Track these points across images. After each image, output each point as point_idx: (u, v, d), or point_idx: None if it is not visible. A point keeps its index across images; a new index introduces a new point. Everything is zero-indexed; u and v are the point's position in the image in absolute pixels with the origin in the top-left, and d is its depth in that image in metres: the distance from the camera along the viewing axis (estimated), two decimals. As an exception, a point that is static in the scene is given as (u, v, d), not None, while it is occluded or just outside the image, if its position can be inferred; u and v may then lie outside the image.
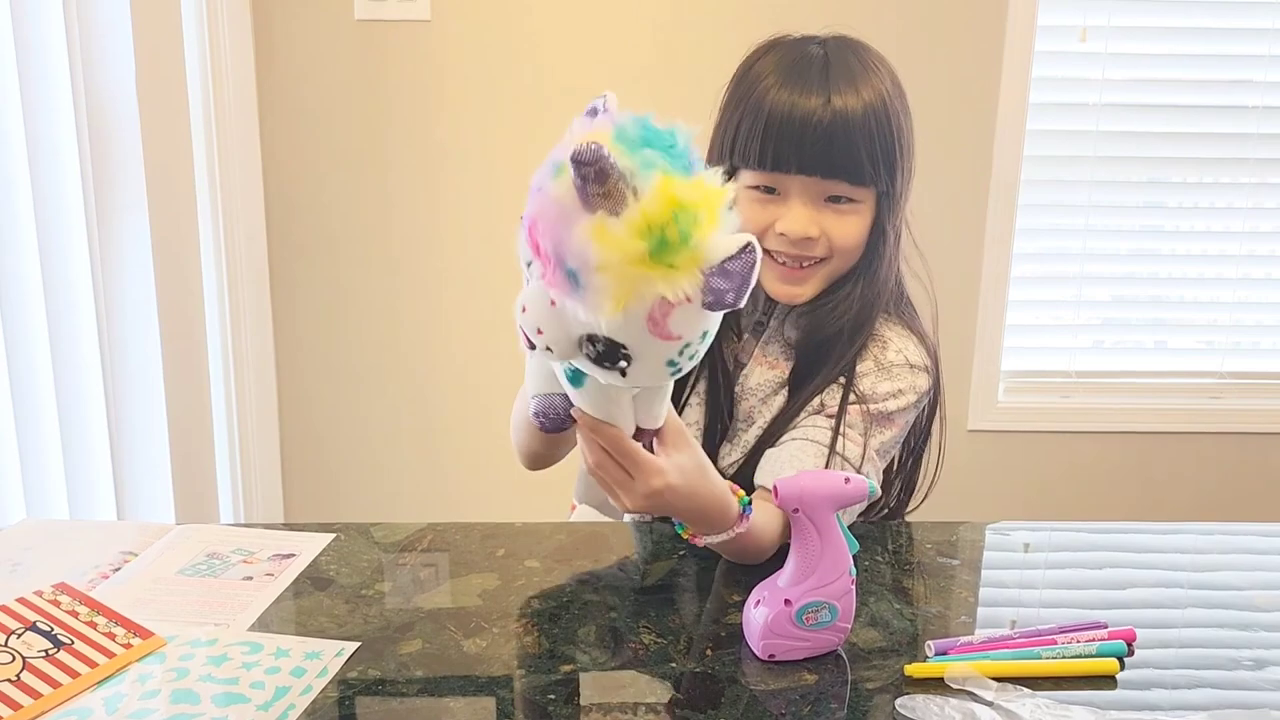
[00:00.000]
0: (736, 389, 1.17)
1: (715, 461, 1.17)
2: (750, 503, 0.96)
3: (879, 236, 1.10)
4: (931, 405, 1.18)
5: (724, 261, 0.68)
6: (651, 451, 0.89)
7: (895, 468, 1.20)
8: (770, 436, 1.12)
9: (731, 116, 1.09)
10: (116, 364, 1.59)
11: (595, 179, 0.66)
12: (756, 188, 1.09)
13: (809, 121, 1.03)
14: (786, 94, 1.05)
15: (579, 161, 0.66)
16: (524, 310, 0.75)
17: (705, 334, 0.75)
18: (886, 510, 1.22)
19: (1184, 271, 2.40)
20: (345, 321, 2.24)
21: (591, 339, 0.73)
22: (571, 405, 0.87)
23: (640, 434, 0.88)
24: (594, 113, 0.73)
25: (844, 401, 1.09)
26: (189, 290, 1.76)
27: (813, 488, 0.85)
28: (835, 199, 1.07)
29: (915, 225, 1.18)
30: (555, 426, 0.89)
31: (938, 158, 2.20)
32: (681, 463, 0.90)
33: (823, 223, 1.07)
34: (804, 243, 1.07)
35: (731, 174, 1.12)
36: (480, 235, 2.21)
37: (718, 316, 0.75)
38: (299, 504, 2.29)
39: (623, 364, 0.74)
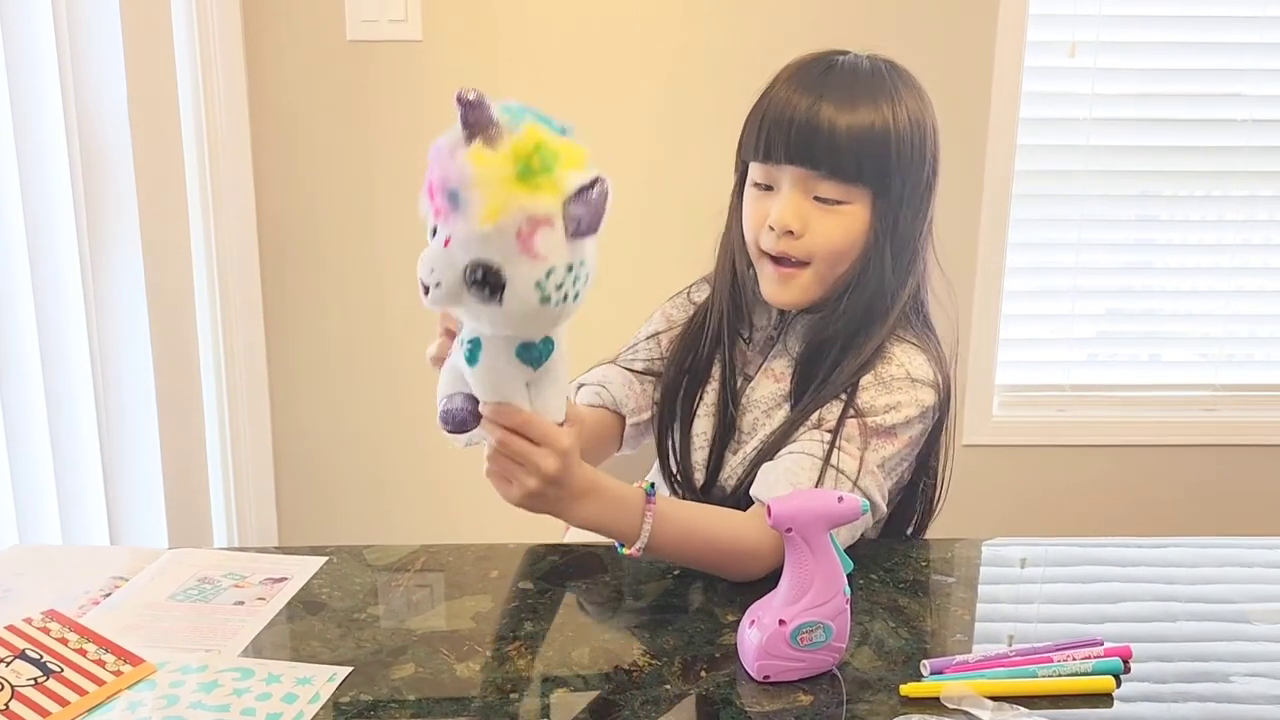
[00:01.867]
0: (744, 401, 1.18)
1: (720, 471, 1.19)
2: (654, 487, 0.99)
3: (872, 245, 1.10)
4: (938, 423, 1.17)
5: (580, 190, 0.78)
6: None
7: (914, 487, 1.19)
8: (769, 449, 1.12)
9: (748, 117, 1.13)
10: (109, 386, 1.58)
11: (475, 118, 0.77)
12: (758, 185, 1.12)
13: (796, 115, 1.07)
14: (786, 91, 1.09)
15: (463, 101, 0.76)
16: (421, 262, 0.81)
17: (571, 267, 0.81)
18: (911, 529, 1.22)
19: (1177, 285, 2.40)
20: (338, 343, 2.24)
21: (472, 269, 0.79)
22: (473, 402, 0.89)
23: None
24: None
25: (842, 416, 1.08)
26: (181, 311, 1.76)
27: (805, 507, 0.84)
28: (824, 199, 1.08)
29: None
30: (458, 426, 0.90)
31: (929, 173, 2.21)
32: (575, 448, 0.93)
33: (807, 218, 1.08)
34: (787, 236, 1.08)
35: (745, 172, 1.16)
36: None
37: (585, 253, 0.81)
38: (293, 526, 2.28)
39: (500, 290, 0.79)
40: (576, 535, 1.24)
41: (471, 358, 0.86)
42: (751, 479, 1.10)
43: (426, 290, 0.81)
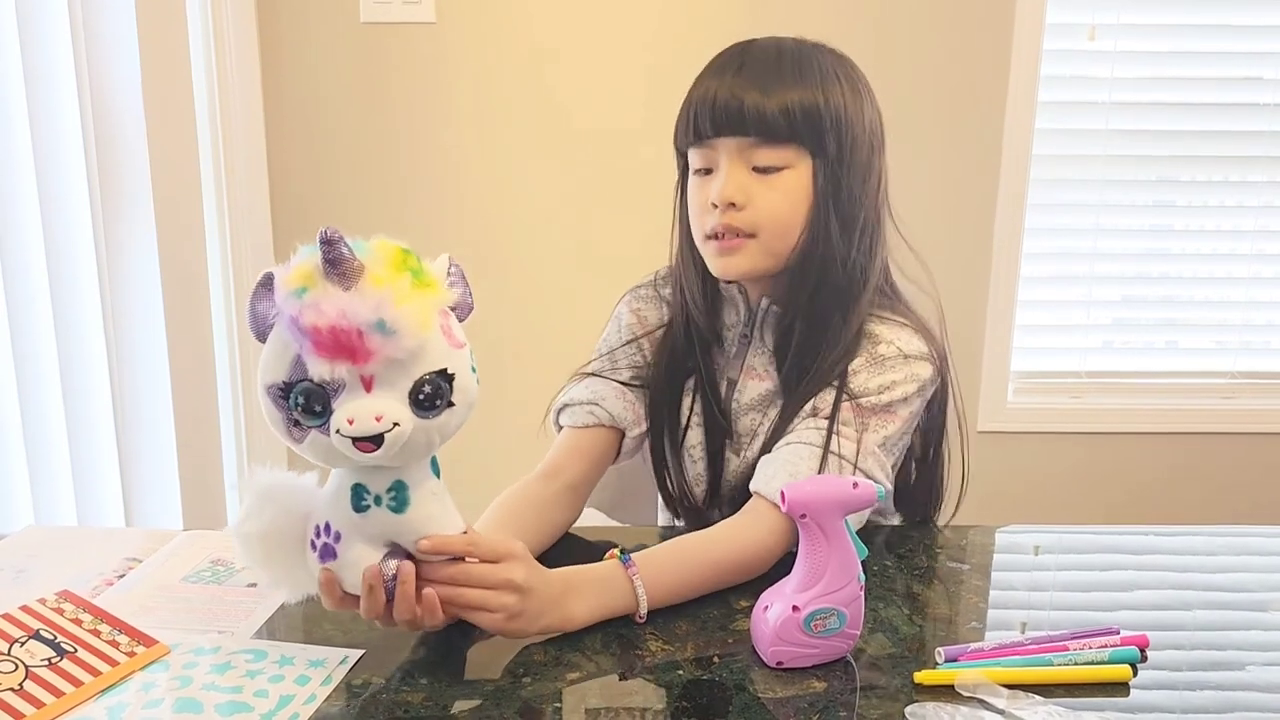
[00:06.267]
0: (734, 405, 1.17)
1: (723, 476, 1.18)
2: (625, 553, 0.97)
3: (817, 210, 1.08)
4: (941, 396, 1.16)
5: (449, 274, 0.82)
6: None
7: (914, 468, 1.19)
8: (768, 446, 1.11)
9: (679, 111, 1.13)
10: (123, 369, 1.58)
11: (338, 253, 0.75)
12: (698, 172, 1.11)
13: (720, 90, 1.06)
14: (707, 75, 1.09)
15: (327, 241, 0.75)
16: (351, 421, 0.75)
17: (467, 343, 0.83)
18: (930, 509, 1.22)
19: (1194, 271, 2.39)
20: (352, 325, 2.23)
21: (421, 384, 0.78)
22: (395, 559, 0.83)
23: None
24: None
25: (836, 401, 1.07)
26: (195, 295, 1.76)
27: (820, 494, 0.84)
28: (764, 170, 1.06)
29: (923, 223, 1.16)
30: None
31: (946, 157, 2.19)
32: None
33: (748, 189, 1.06)
34: (730, 209, 1.06)
35: (685, 165, 1.14)
36: (486, 236, 2.21)
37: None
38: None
39: (450, 393, 0.79)
40: (587, 519, 1.23)
41: (401, 503, 0.82)
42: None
43: (379, 442, 0.76)
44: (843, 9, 2.07)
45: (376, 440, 0.76)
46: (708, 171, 1.10)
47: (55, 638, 0.86)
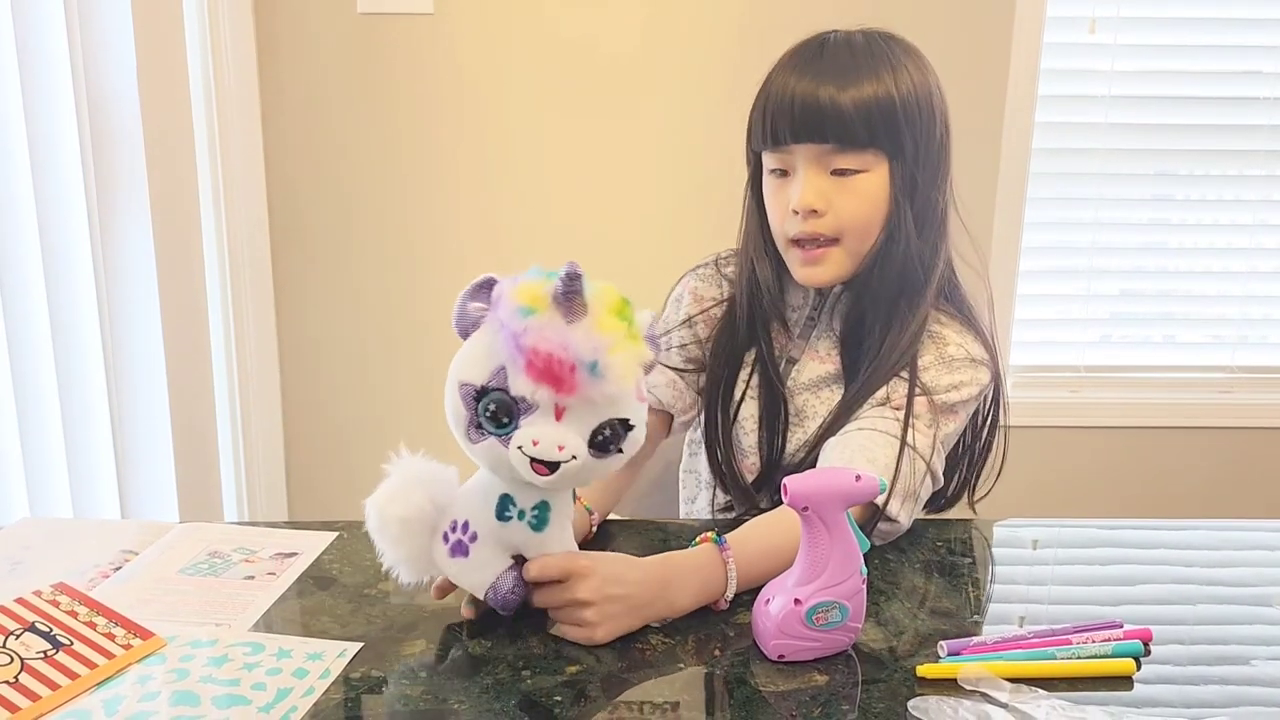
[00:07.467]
0: (790, 384, 1.18)
1: (783, 452, 1.18)
2: (721, 535, 0.96)
3: (894, 210, 1.09)
4: (995, 396, 1.19)
5: (649, 330, 0.84)
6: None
7: (973, 458, 1.22)
8: (832, 427, 1.11)
9: (752, 108, 1.13)
10: (120, 362, 1.57)
11: (576, 292, 0.79)
12: (773, 172, 1.12)
13: (798, 95, 1.06)
14: (784, 76, 1.09)
15: (571, 276, 0.78)
16: (536, 443, 0.79)
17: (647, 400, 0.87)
18: (949, 496, 1.24)
19: (1193, 265, 2.38)
20: (349, 317, 2.23)
21: (600, 430, 0.81)
22: (517, 574, 0.88)
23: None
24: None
25: (911, 394, 1.09)
26: (192, 286, 1.75)
27: (823, 486, 0.83)
28: (841, 172, 1.08)
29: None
30: (519, 600, 0.88)
31: (945, 151, 2.19)
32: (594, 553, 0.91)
33: (829, 195, 1.08)
34: (812, 216, 1.08)
35: (758, 161, 1.15)
36: (484, 229, 2.20)
37: None
38: (304, 501, 2.28)
39: (623, 440, 0.83)
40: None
41: (541, 523, 0.86)
42: (814, 459, 1.10)
43: (554, 468, 0.80)
44: (841, 1, 2.06)
45: (552, 466, 0.79)
46: (784, 173, 1.11)
47: (51, 630, 0.85)
